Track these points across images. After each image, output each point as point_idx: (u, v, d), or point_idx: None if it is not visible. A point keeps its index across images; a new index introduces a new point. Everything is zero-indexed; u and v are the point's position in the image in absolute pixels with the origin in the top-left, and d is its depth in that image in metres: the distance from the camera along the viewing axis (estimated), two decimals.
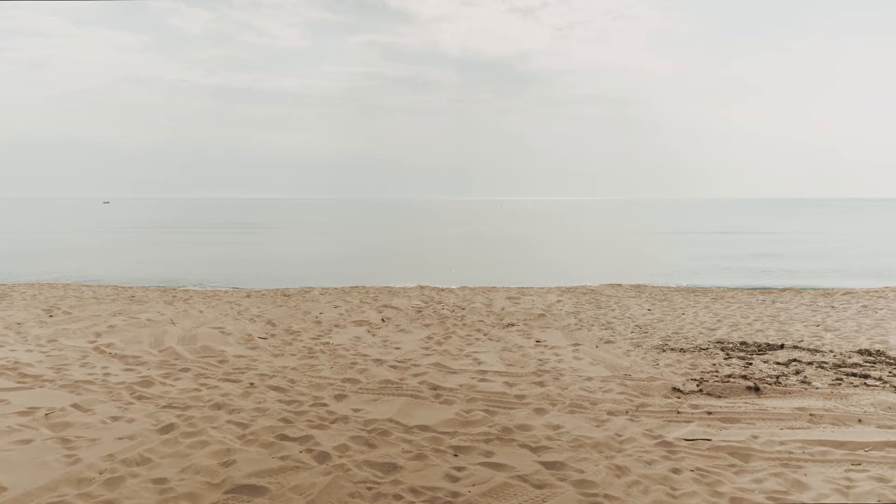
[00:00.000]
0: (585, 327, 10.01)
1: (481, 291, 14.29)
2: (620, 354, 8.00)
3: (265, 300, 12.99)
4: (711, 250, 30.50)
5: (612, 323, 10.40)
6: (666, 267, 23.04)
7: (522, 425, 4.83)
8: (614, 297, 13.37)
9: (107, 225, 56.33)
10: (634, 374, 6.72)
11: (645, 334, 9.47)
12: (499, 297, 13.18)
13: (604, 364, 7.35)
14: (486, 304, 12.20)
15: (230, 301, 12.77)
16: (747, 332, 9.58)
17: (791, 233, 44.48)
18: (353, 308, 11.69)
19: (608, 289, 15.27)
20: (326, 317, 10.65)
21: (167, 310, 11.33)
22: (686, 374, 6.82)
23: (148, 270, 21.33)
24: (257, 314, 10.98)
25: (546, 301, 12.71)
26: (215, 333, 8.75)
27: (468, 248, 32.81)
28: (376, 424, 4.77)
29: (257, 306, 12.02)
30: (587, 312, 11.38)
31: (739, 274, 20.97)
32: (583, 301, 12.78)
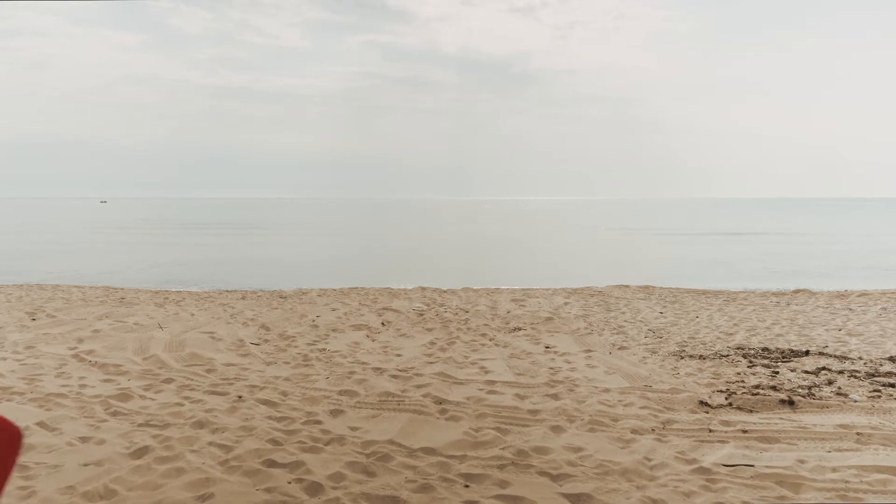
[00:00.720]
0: (596, 332, 9.50)
1: (485, 293, 13.77)
2: (636, 362, 7.50)
3: (260, 302, 12.48)
4: (717, 251, 30.03)
5: (623, 327, 9.89)
6: (671, 267, 22.55)
7: (539, 447, 4.32)
8: (623, 300, 12.86)
9: (101, 224, 55.79)
10: (655, 385, 6.21)
11: (659, 339, 8.96)
12: (503, 299, 12.66)
13: (620, 373, 6.84)
14: (491, 307, 11.69)
15: (224, 303, 12.26)
16: (767, 337, 9.08)
17: (796, 233, 44.01)
18: (352, 311, 11.17)
19: (616, 290, 14.76)
20: (324, 320, 10.14)
21: (157, 313, 10.81)
22: (710, 385, 6.32)
23: (140, 271, 20.81)
24: (251, 317, 10.46)
25: (553, 303, 12.20)
26: (205, 339, 8.24)
27: (468, 248, 32.30)
28: (376, 447, 4.26)
29: (252, 309, 11.50)
30: (597, 316, 10.87)
31: (747, 275, 20.47)
32: (591, 303, 12.27)
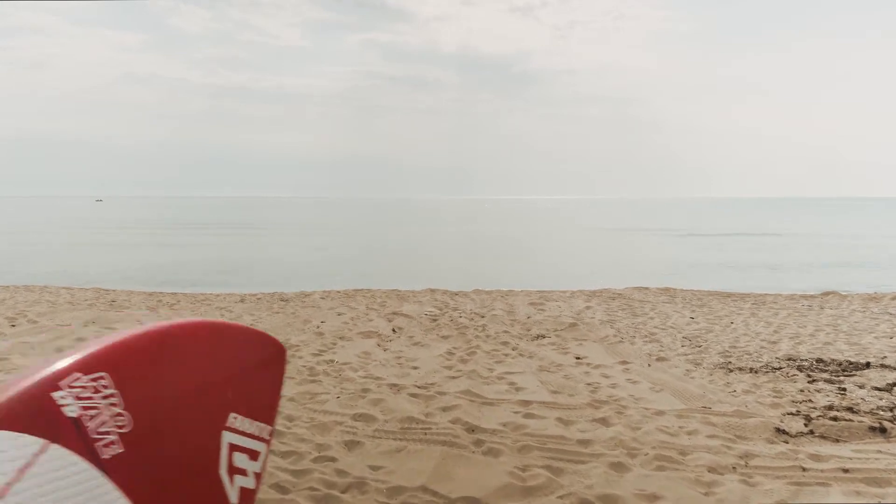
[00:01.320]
0: (627, 340, 8.70)
1: (499, 296, 12.97)
2: (681, 376, 6.70)
3: (260, 305, 11.67)
4: (727, 251, 29.27)
5: (655, 334, 9.10)
6: (686, 268, 21.77)
7: (606, 495, 3.52)
8: (647, 303, 12.06)
9: (94, 224, 54.90)
10: (715, 407, 5.41)
11: (698, 348, 8.17)
12: (520, 303, 11.86)
13: (668, 390, 6.04)
14: (508, 311, 10.88)
15: (221, 307, 11.45)
16: (815, 346, 8.29)
17: (804, 234, 43.28)
18: (360, 316, 10.37)
19: (636, 292, 13.96)
20: (329, 327, 9.33)
21: (148, 317, 10.01)
22: (776, 405, 5.52)
23: (134, 272, 19.99)
24: (251, 322, 9.65)
25: (573, 307, 11.40)
26: None
27: (473, 248, 31.48)
28: (406, 496, 3.45)
29: (251, 313, 10.70)
30: (623, 321, 10.07)
31: (763, 275, 19.70)
32: (614, 307, 11.47)
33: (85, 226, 49.26)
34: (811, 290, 15.52)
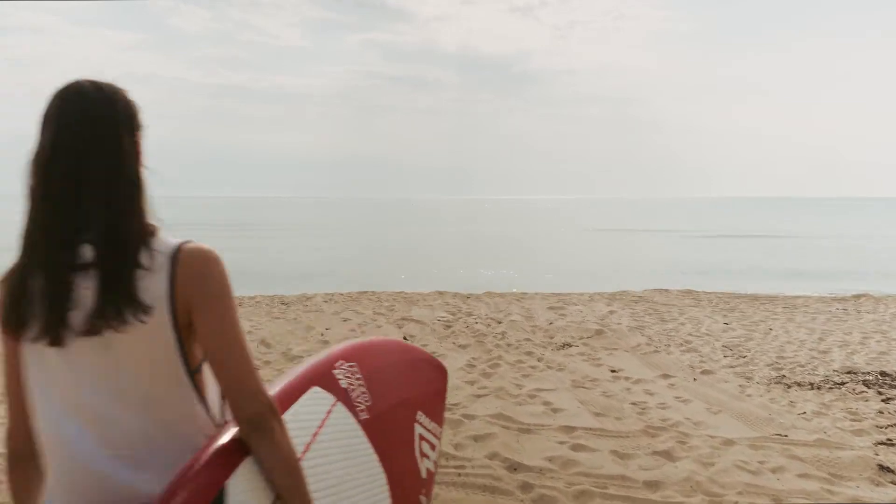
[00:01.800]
0: (662, 349, 7.92)
1: (513, 299, 12.18)
2: (736, 393, 5.91)
3: (259, 310, 10.88)
4: (737, 252, 28.51)
5: (690, 342, 8.31)
6: (700, 269, 20.99)
7: None
8: (673, 307, 11.27)
9: None
10: (791, 434, 4.62)
11: (743, 359, 7.39)
12: (537, 307, 11.06)
13: (728, 411, 5.25)
14: (526, 317, 10.09)
15: None
16: (870, 356, 7.51)
17: (810, 235, 42.58)
18: (367, 321, 9.57)
19: (657, 295, 13.18)
20: (335, 334, 8.54)
21: None
22: (859, 431, 4.74)
23: None
24: (249, 329, 8.85)
25: (595, 311, 10.61)
26: None
27: (478, 248, 30.68)
28: None
29: (249, 318, 9.90)
30: (653, 328, 9.28)
31: (782, 277, 18.92)
32: (639, 311, 10.68)
33: None
34: (834, 293, 14.76)
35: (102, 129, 1.14)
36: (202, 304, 1.19)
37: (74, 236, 1.12)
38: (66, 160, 1.13)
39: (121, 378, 1.15)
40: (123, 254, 1.12)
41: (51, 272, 1.11)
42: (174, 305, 1.16)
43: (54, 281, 1.11)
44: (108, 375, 1.14)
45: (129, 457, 1.14)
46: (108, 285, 1.11)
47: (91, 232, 1.12)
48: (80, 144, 1.13)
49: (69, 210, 1.12)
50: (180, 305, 1.17)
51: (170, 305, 1.15)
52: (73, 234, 1.12)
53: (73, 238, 1.12)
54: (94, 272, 1.11)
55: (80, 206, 1.12)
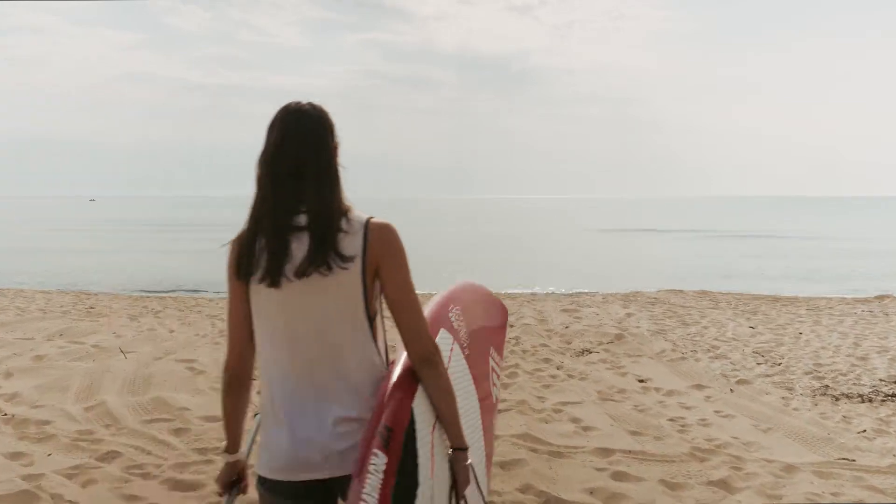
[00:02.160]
0: (689, 355, 7.37)
1: (524, 301, 11.63)
2: (780, 406, 5.37)
3: None
4: (743, 251, 27.98)
5: (718, 348, 7.77)
6: (711, 269, 20.45)
7: None
8: (693, 309, 10.72)
9: (84, 224, 53.42)
10: (858, 458, 4.08)
11: (778, 367, 6.84)
12: (550, 309, 10.52)
13: (779, 429, 4.71)
14: (540, 319, 9.54)
15: (212, 315, 10.10)
16: None
17: (815, 235, 42.05)
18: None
19: (672, 296, 12.64)
20: None
21: (128, 328, 8.66)
22: None
23: (121, 274, 18.60)
24: None
25: (612, 314, 10.06)
26: (180, 371, 6.08)
27: (482, 248, 30.11)
28: None
29: None
30: (675, 331, 8.73)
31: (793, 277, 18.39)
32: (658, 314, 10.13)
33: (74, 226, 47.78)
34: (852, 293, 14.23)
35: (314, 134, 1.52)
36: (388, 261, 1.52)
37: (294, 208, 1.48)
38: (289, 155, 1.50)
39: (321, 311, 1.49)
40: (329, 221, 1.47)
41: (274, 234, 1.47)
42: (365, 260, 1.49)
43: (276, 240, 1.47)
44: (312, 310, 1.49)
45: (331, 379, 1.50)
46: (319, 242, 1.45)
47: (306, 206, 1.47)
48: (299, 144, 1.50)
49: (290, 190, 1.48)
50: (370, 260, 1.50)
51: (362, 260, 1.49)
52: (293, 207, 1.48)
53: (293, 210, 1.48)
54: (307, 234, 1.46)
55: (298, 187, 1.48)
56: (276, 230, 1.48)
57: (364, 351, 1.53)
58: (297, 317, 1.50)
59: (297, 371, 1.52)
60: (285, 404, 1.53)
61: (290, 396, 1.53)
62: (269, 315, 1.53)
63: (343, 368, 1.51)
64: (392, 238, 1.55)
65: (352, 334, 1.51)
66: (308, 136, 1.51)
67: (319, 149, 1.52)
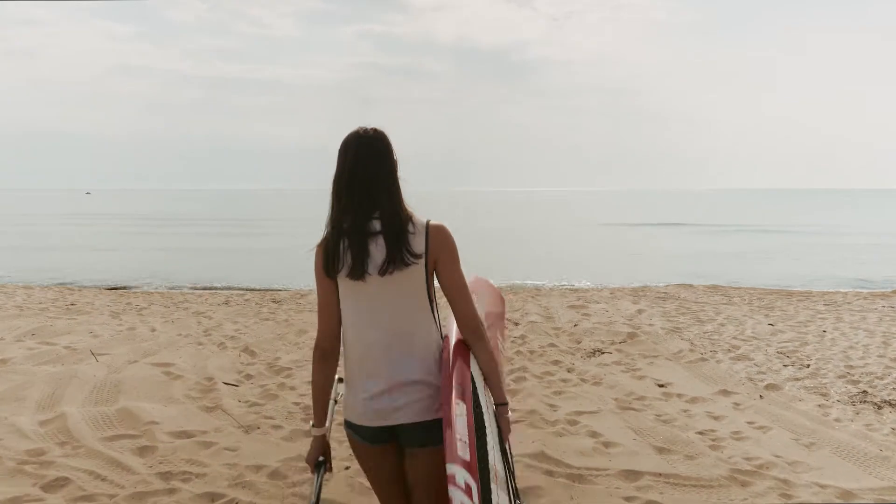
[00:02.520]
0: (708, 356, 6.83)
1: (529, 296, 11.08)
2: (818, 416, 4.84)
3: (247, 309, 9.78)
4: (749, 244, 27.45)
5: (738, 347, 7.23)
6: (717, 263, 19.91)
7: None
8: (707, 305, 10.18)
9: (78, 217, 52.73)
10: None
11: (806, 369, 6.31)
12: (556, 305, 9.97)
13: (825, 445, 4.17)
14: (546, 316, 9.00)
15: (199, 311, 9.55)
16: None
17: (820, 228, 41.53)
18: None
19: (683, 291, 12.10)
20: None
21: (107, 326, 8.10)
22: None
23: (108, 268, 18.02)
24: (232, 333, 7.76)
25: (622, 310, 9.52)
26: (154, 377, 5.53)
27: (482, 241, 29.50)
28: None
29: (234, 320, 8.81)
30: (691, 330, 8.19)
31: (804, 270, 17.86)
32: (670, 310, 9.59)
33: (68, 219, 47.07)
34: (863, 287, 13.72)
35: (381, 155, 1.91)
36: (444, 256, 1.92)
37: (369, 216, 1.88)
38: (362, 174, 1.90)
39: (395, 298, 1.90)
40: (400, 226, 1.87)
41: (355, 238, 1.87)
42: (427, 256, 1.89)
43: (358, 243, 1.87)
44: (388, 297, 1.90)
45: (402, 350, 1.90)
46: (394, 244, 1.86)
47: (379, 214, 1.87)
48: (370, 165, 1.89)
49: (365, 202, 1.88)
50: (431, 256, 1.91)
51: (425, 256, 1.89)
52: (368, 215, 1.88)
53: (369, 217, 1.88)
54: (381, 237, 1.86)
55: (371, 199, 1.88)
56: (357, 235, 1.87)
57: (426, 328, 1.93)
58: (375, 303, 1.91)
59: (375, 345, 1.91)
60: (365, 370, 1.92)
61: (369, 364, 1.91)
62: (355, 302, 1.93)
63: (410, 342, 1.90)
64: (447, 237, 1.93)
65: (418, 314, 1.92)
66: (376, 158, 1.90)
67: (385, 167, 1.90)
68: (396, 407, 1.88)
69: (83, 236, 29.88)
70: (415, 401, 1.87)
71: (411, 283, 1.88)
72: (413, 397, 1.87)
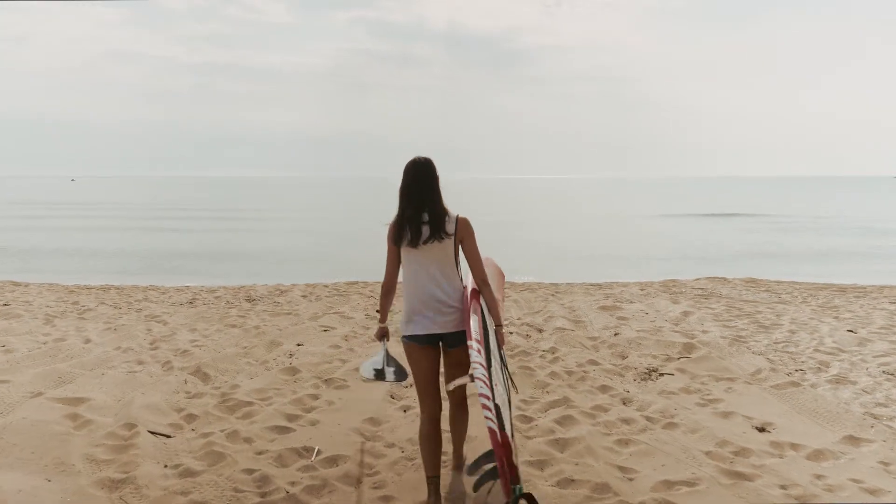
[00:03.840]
0: (797, 378, 5.29)
1: (548, 293, 9.48)
2: None
3: (213, 311, 8.15)
4: (760, 234, 26.00)
5: (827, 364, 5.68)
6: (740, 254, 18.42)
7: None
8: (759, 304, 8.62)
9: (57, 204, 50.61)
10: None
11: None
12: (583, 305, 8.38)
13: None
14: (575, 320, 7.42)
15: (154, 314, 7.91)
16: None
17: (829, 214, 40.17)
18: (356, 332, 6.87)
19: (719, 286, 10.56)
20: (309, 356, 5.82)
21: (29, 337, 6.46)
22: None
23: (69, 259, 16.26)
24: (185, 346, 6.14)
25: (662, 312, 7.95)
26: (53, 423, 3.90)
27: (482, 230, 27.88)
28: None
29: (193, 326, 7.19)
30: (757, 339, 6.63)
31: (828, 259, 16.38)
32: (720, 312, 8.02)
33: (44, 207, 45.01)
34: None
35: (428, 174, 3.07)
36: (466, 237, 3.10)
37: (422, 210, 3.01)
38: (417, 184, 3.06)
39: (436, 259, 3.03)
40: (440, 216, 3.02)
41: (413, 223, 3.00)
42: (455, 235, 3.06)
43: (414, 226, 3.01)
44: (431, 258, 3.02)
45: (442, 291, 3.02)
46: (435, 227, 3.00)
47: (427, 210, 3.02)
48: (423, 179, 3.05)
49: (418, 203, 3.02)
50: (458, 236, 3.08)
51: (454, 235, 3.05)
52: (420, 209, 3.02)
53: (421, 210, 3.01)
54: (428, 224, 3.00)
55: (422, 199, 3.02)
56: (414, 221, 3.04)
57: (453, 277, 3.13)
58: (424, 262, 3.08)
59: (424, 287, 3.07)
60: (417, 299, 3.09)
61: (421, 299, 3.08)
62: (411, 261, 3.10)
63: (444, 284, 3.09)
64: (468, 225, 3.16)
65: (448, 269, 3.12)
66: (425, 176, 3.09)
67: (431, 182, 3.10)
68: (438, 322, 3.08)
69: (48, 227, 28.01)
70: (449, 320, 3.09)
71: (445, 251, 3.12)
72: (449, 318, 3.09)
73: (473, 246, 3.10)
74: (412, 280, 3.07)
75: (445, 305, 3.03)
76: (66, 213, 37.41)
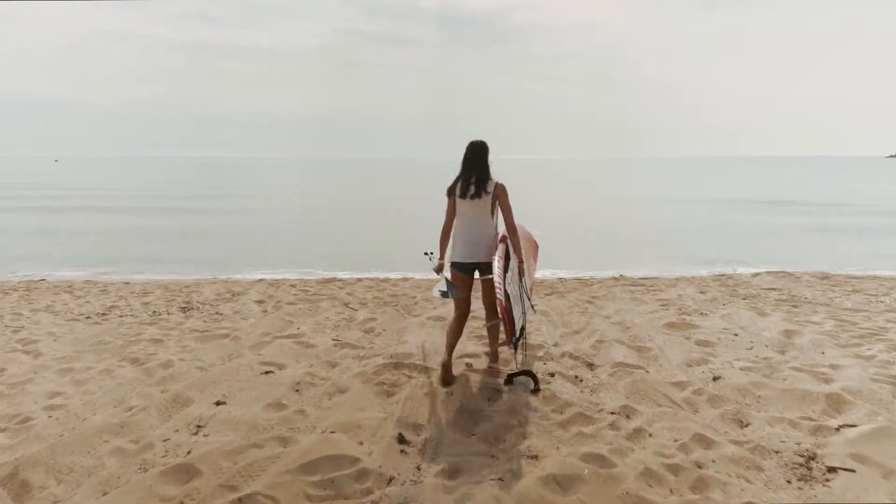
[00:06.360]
0: None
1: (582, 298, 7.16)
2: None
3: (122, 331, 5.81)
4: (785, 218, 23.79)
5: None
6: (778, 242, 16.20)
7: None
8: (869, 313, 6.35)
9: (31, 186, 47.70)
10: None
11: None
12: (640, 320, 6.05)
13: None
14: (635, 347, 5.09)
15: (30, 337, 5.55)
16: None
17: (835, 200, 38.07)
18: (314, 371, 4.54)
19: (791, 284, 8.35)
20: (224, 427, 3.50)
21: None
22: None
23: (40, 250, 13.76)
24: (27, 413, 3.82)
25: (753, 330, 5.63)
26: None
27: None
28: None
29: (71, 362, 4.86)
30: None
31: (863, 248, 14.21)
32: (835, 331, 5.70)
33: (19, 188, 42.18)
34: None
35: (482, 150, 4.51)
36: (501, 195, 4.45)
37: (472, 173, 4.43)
38: (472, 156, 4.47)
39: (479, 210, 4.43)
40: (484, 179, 4.42)
41: (465, 182, 4.44)
42: (493, 193, 4.43)
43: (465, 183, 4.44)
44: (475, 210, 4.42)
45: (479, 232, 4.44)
46: (479, 186, 4.41)
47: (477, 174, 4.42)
48: (477, 153, 4.49)
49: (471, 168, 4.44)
50: (495, 193, 4.44)
51: (493, 193, 4.43)
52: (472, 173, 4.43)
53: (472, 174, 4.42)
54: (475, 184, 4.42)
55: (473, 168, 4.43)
56: (466, 180, 4.36)
57: (489, 224, 4.40)
58: (469, 211, 4.37)
59: (466, 228, 4.38)
60: (464, 239, 4.40)
61: (466, 237, 4.39)
62: (462, 211, 4.40)
63: (483, 228, 4.38)
64: (504, 188, 4.39)
65: (487, 218, 4.39)
66: (480, 151, 4.41)
67: (483, 155, 4.43)
68: (476, 253, 4.38)
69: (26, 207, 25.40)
70: (484, 252, 4.36)
71: (485, 204, 4.36)
72: (482, 251, 4.37)
73: (507, 203, 4.43)
74: (459, 224, 4.47)
75: (481, 243, 4.41)
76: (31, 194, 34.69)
